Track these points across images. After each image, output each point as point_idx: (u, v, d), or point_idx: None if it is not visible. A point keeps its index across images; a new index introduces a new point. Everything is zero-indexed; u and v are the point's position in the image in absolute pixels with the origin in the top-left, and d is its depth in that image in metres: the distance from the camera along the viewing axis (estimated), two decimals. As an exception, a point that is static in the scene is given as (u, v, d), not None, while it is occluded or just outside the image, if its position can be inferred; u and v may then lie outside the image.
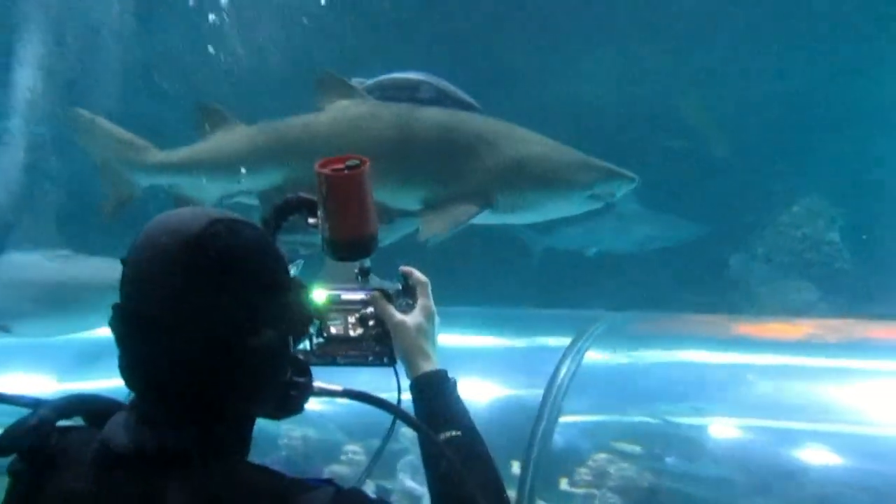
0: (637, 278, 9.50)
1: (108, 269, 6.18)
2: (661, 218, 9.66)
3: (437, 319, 1.86)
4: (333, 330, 1.84)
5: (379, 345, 1.82)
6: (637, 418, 4.44)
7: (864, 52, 9.63)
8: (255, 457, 1.59)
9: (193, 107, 5.23)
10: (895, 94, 9.58)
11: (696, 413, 4.41)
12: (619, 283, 9.34)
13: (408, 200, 4.57)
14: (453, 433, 1.72)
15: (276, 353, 1.54)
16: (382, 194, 4.42)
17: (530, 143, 4.62)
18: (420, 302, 1.85)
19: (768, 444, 4.34)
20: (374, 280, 1.88)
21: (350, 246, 1.77)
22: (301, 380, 1.62)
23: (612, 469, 4.28)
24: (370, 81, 4.84)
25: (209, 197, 4.93)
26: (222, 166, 4.87)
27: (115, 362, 1.53)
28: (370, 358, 1.84)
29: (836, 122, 9.60)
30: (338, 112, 4.71)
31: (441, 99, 4.68)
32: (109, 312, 1.51)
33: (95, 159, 5.26)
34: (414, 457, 4.62)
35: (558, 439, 4.22)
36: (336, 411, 4.81)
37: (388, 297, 1.84)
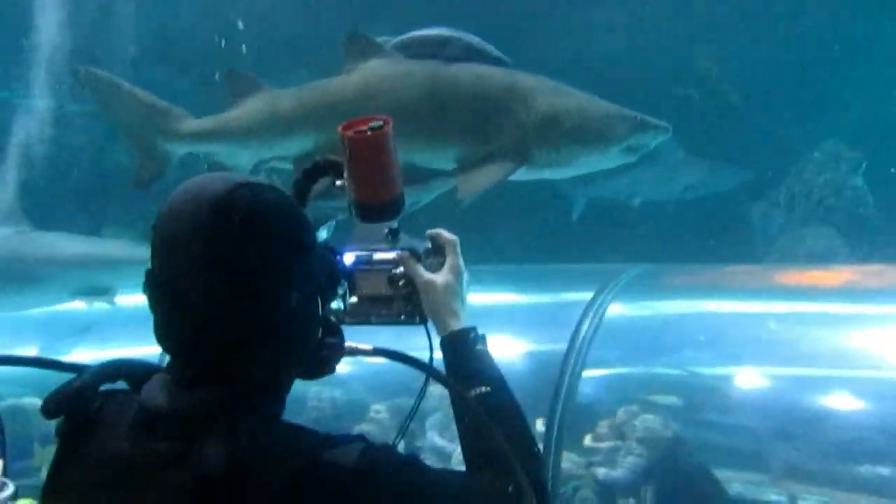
0: (658, 229, 9.46)
1: (65, 246, 6.28)
2: (705, 165, 9.52)
3: (465, 277, 1.87)
4: (366, 290, 1.84)
5: (410, 304, 1.83)
6: (660, 370, 4.47)
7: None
8: (286, 418, 1.62)
9: (224, 74, 5.15)
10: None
11: (719, 363, 4.44)
12: (639, 234, 9.32)
13: (442, 160, 4.52)
14: (483, 389, 1.73)
15: (304, 315, 1.57)
16: (416, 154, 4.44)
17: (564, 95, 4.53)
18: (449, 260, 1.86)
19: (790, 392, 4.37)
20: (405, 240, 1.89)
21: (376, 208, 1.78)
22: (333, 340, 1.66)
23: (636, 421, 4.34)
24: (396, 39, 4.75)
25: (243, 164, 4.88)
26: (254, 132, 4.84)
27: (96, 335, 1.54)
28: (402, 317, 1.85)
29: (855, 63, 9.42)
30: (368, 72, 4.63)
31: (470, 55, 4.58)
32: (68, 287, 1.54)
33: (121, 128, 5.17)
34: (442, 414, 4.68)
35: (582, 393, 4.27)
36: (362, 373, 4.89)
37: (417, 256, 1.85)
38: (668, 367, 4.46)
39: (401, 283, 1.83)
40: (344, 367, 1.74)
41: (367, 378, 5.12)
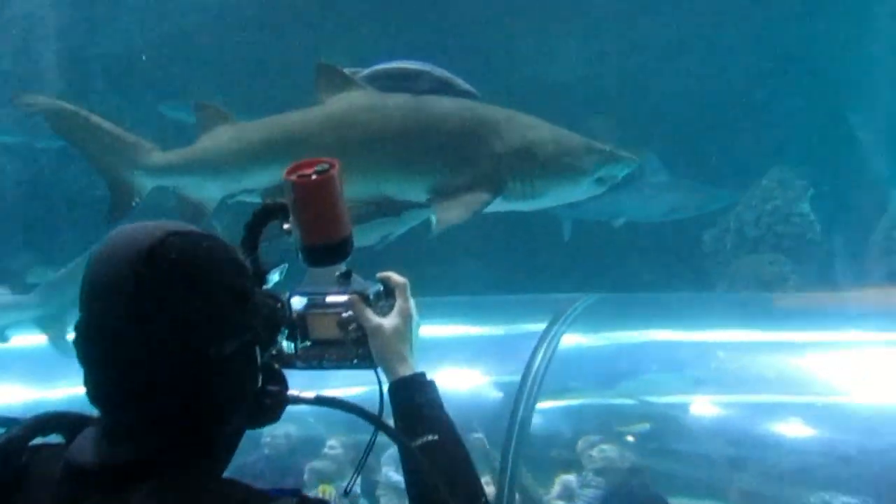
0: (611, 256, 9.54)
1: None
2: (689, 186, 9.62)
3: (415, 321, 1.84)
4: (318, 333, 1.81)
5: (361, 348, 1.80)
6: (616, 400, 4.48)
7: (831, 19, 9.70)
8: (239, 456, 1.59)
9: (193, 106, 5.09)
10: (862, 62, 9.66)
11: (674, 391, 4.47)
12: (593, 262, 9.39)
13: (415, 191, 4.54)
14: (429, 437, 1.71)
15: (241, 364, 1.52)
16: (390, 186, 4.46)
17: (537, 128, 4.60)
18: (398, 304, 1.83)
19: (744, 419, 4.41)
20: (357, 282, 1.86)
21: (323, 251, 1.75)
22: (275, 388, 1.60)
23: (593, 451, 4.34)
24: (366, 71, 4.75)
25: (211, 197, 4.83)
26: (223, 165, 4.77)
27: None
28: (355, 361, 1.82)
29: (803, 91, 9.68)
30: (340, 104, 4.63)
31: (441, 88, 4.63)
32: None
33: (92, 162, 5.06)
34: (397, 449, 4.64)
35: (538, 425, 4.25)
36: (317, 408, 4.80)
37: (366, 299, 1.82)
38: (623, 396, 4.48)
39: (350, 326, 1.81)
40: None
41: (322, 413, 5.01)
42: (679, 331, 4.90)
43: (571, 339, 4.56)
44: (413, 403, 1.76)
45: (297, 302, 1.80)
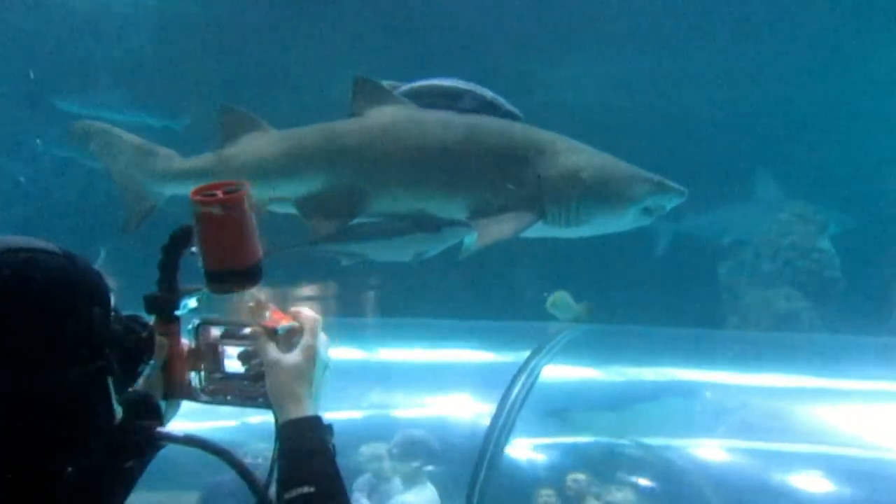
0: (621, 285, 9.28)
1: None
2: (805, 209, 9.25)
3: (322, 360, 1.70)
4: (226, 366, 1.72)
5: (263, 385, 1.67)
6: (588, 438, 4.21)
7: (849, 52, 9.46)
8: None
9: (217, 110, 4.96)
10: (884, 96, 9.40)
11: (665, 433, 4.18)
12: (605, 289, 9.12)
13: (455, 209, 4.46)
14: (305, 489, 1.54)
15: (84, 395, 1.39)
16: (429, 203, 4.41)
17: (582, 153, 4.49)
18: (303, 341, 1.70)
19: (746, 465, 4.14)
20: (275, 313, 1.73)
21: (227, 277, 1.66)
22: (146, 423, 1.50)
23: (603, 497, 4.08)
24: (405, 86, 4.67)
25: None
26: (257, 172, 4.59)
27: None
28: (259, 399, 1.70)
29: (824, 124, 9.41)
30: (380, 117, 4.54)
31: (485, 108, 4.55)
32: None
33: (112, 171, 4.97)
34: (371, 475, 4.46)
35: (520, 461, 3.99)
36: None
37: (272, 333, 1.70)
38: (596, 435, 4.20)
39: (253, 361, 1.71)
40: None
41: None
42: (669, 367, 4.61)
43: (553, 372, 4.28)
44: (298, 449, 1.60)
45: (213, 333, 1.72)
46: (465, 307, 7.87)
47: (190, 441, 1.51)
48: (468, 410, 4.37)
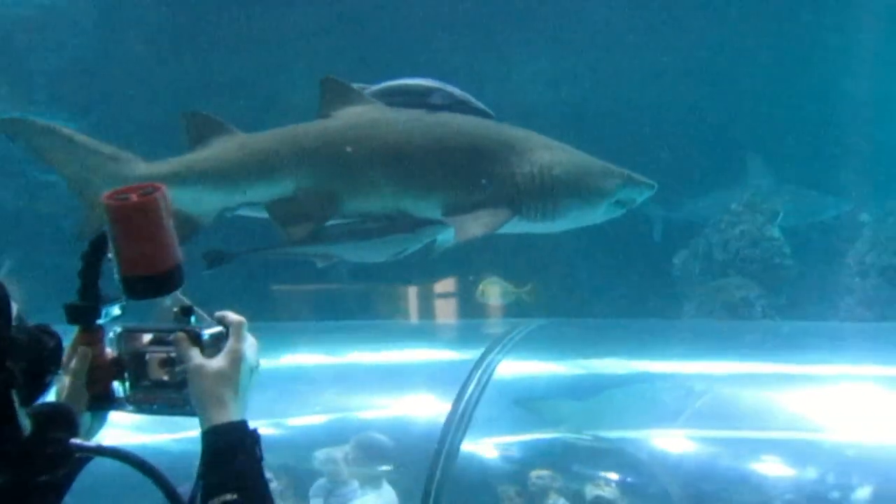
0: (581, 276, 9.32)
1: None
2: (799, 193, 9.40)
3: (248, 363, 1.67)
4: (151, 374, 1.68)
5: (186, 391, 1.66)
6: (549, 433, 4.19)
7: (803, 44, 9.67)
8: None
9: (180, 114, 4.80)
10: (837, 86, 9.62)
11: (625, 426, 4.17)
12: (562, 281, 9.14)
13: (430, 208, 4.44)
14: (228, 497, 1.52)
15: None
16: (404, 201, 4.37)
17: (555, 149, 4.56)
18: (228, 344, 1.67)
19: (706, 455, 4.14)
20: (198, 320, 1.70)
21: (143, 283, 1.62)
22: (59, 435, 1.44)
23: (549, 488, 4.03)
24: (374, 87, 4.64)
25: (209, 210, 4.57)
26: (227, 176, 4.54)
27: None
28: (187, 407, 1.67)
29: (778, 116, 9.59)
30: (349, 117, 4.51)
31: (455, 106, 4.54)
32: None
33: (64, 175, 4.73)
34: (326, 480, 4.40)
35: (478, 459, 3.95)
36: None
37: (194, 338, 1.66)
38: (556, 431, 4.17)
39: (177, 368, 1.67)
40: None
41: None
42: (624, 359, 4.61)
43: (511, 368, 4.25)
44: (221, 455, 1.57)
45: (141, 338, 1.69)
46: (424, 306, 7.84)
47: (103, 452, 1.47)
48: (425, 410, 4.32)
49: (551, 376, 4.57)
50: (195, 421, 1.63)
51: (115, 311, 1.63)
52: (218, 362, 1.64)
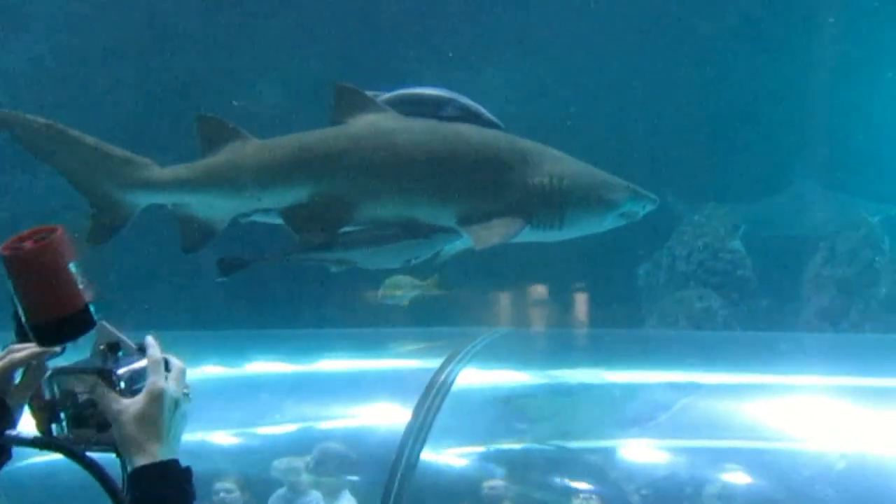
0: (546, 286, 9.34)
1: None
2: (841, 200, 9.35)
3: (171, 399, 1.62)
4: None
5: (109, 432, 1.59)
6: (507, 445, 4.18)
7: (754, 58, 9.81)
8: None
9: (195, 119, 4.73)
10: (793, 98, 9.76)
11: (584, 435, 4.17)
12: (526, 290, 9.17)
13: (443, 216, 4.45)
14: None
15: None
16: (417, 210, 4.41)
17: (566, 161, 4.63)
18: (148, 383, 1.63)
19: (659, 463, 4.16)
20: (124, 356, 1.64)
21: (52, 329, 1.58)
22: None
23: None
24: (387, 95, 4.63)
25: (220, 216, 4.53)
26: (239, 183, 4.49)
27: None
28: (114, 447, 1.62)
29: (736, 127, 9.71)
30: (364, 125, 4.50)
31: (466, 117, 4.56)
32: None
33: (72, 179, 4.62)
34: (286, 490, 4.35)
35: (438, 469, 3.92)
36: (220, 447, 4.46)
37: (108, 379, 1.61)
38: (513, 441, 4.16)
39: (97, 409, 1.61)
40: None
41: (217, 450, 4.63)
42: (588, 369, 4.64)
43: (472, 377, 4.23)
44: (146, 499, 1.54)
45: (69, 380, 1.62)
46: (389, 314, 7.81)
47: (39, 444, 1.45)
48: (385, 419, 4.29)
49: (513, 385, 4.57)
50: None
51: (56, 349, 1.60)
52: (137, 405, 1.60)
